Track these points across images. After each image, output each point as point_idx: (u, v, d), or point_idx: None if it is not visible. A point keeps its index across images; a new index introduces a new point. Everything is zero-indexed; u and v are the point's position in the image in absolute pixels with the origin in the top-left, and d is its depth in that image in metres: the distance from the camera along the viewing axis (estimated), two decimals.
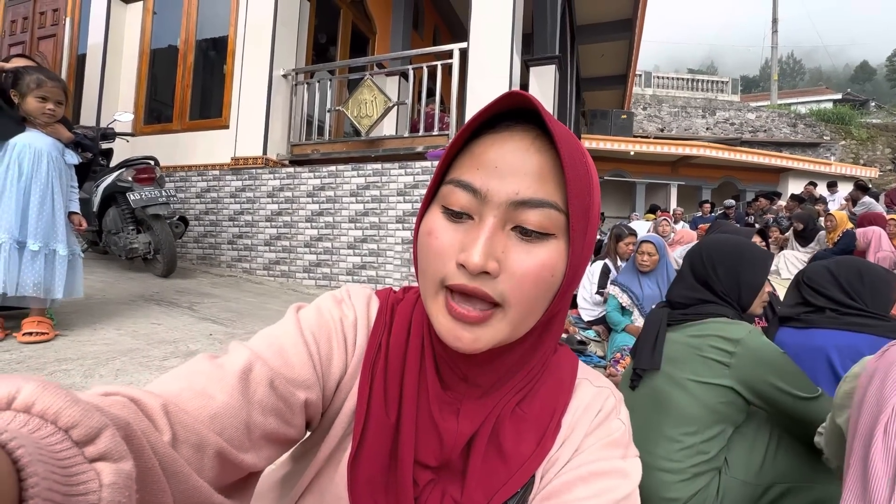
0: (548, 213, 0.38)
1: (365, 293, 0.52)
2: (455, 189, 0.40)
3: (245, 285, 3.76)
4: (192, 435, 0.33)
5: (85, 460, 0.23)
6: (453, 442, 0.44)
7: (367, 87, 4.06)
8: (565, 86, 7.31)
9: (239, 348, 0.42)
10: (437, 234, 0.40)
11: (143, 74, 5.15)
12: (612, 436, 0.45)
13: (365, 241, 3.81)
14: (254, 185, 4.26)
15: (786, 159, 12.38)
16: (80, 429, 0.23)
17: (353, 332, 0.48)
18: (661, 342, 1.27)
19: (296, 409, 0.42)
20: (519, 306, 0.39)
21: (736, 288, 1.25)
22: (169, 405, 0.33)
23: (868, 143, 15.03)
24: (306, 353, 0.44)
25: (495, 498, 0.43)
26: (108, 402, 0.29)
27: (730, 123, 15.76)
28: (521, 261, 0.38)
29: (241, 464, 0.36)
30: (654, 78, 17.73)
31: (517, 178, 0.38)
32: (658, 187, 13.28)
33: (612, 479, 0.42)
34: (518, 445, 0.44)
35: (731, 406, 1.16)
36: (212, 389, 0.36)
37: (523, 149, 0.39)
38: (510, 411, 0.45)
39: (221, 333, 2.26)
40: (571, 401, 0.47)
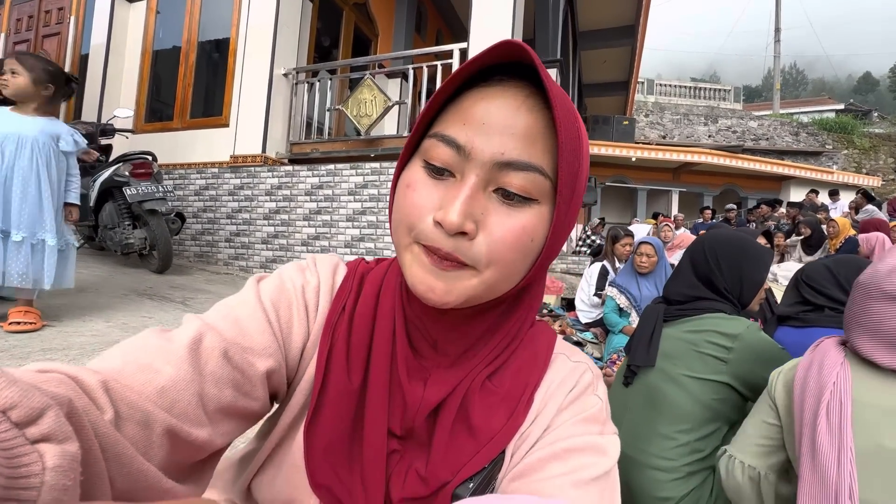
0: (533, 177, 0.36)
1: (332, 261, 0.50)
2: (438, 143, 0.37)
3: (240, 283, 3.73)
4: (136, 412, 0.31)
5: (26, 441, 0.22)
6: (416, 408, 0.41)
7: (368, 87, 4.06)
8: (567, 90, 7.32)
9: (191, 320, 0.40)
10: (416, 188, 0.38)
11: (146, 73, 5.17)
12: (588, 411, 0.42)
13: (362, 241, 3.79)
14: (252, 184, 4.25)
15: (788, 167, 12.35)
16: (19, 409, 0.22)
17: (316, 297, 0.46)
18: (656, 338, 1.24)
19: (255, 380, 0.39)
20: (494, 270, 0.37)
21: (738, 283, 1.22)
22: (110, 381, 0.31)
23: (871, 153, 15.00)
24: (264, 320, 0.42)
25: (460, 473, 0.40)
26: (45, 378, 0.27)
27: (732, 131, 15.76)
28: (501, 223, 0.36)
29: (195, 440, 0.34)
30: (656, 86, 17.79)
31: (504, 138, 0.36)
32: (660, 194, 13.26)
33: (588, 456, 0.39)
34: (487, 419, 0.41)
35: (726, 403, 1.12)
36: (158, 363, 0.34)
37: (514, 106, 0.37)
38: (480, 384, 0.43)
39: None
40: (546, 375, 0.45)
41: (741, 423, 1.17)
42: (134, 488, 0.29)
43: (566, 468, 0.38)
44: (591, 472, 0.38)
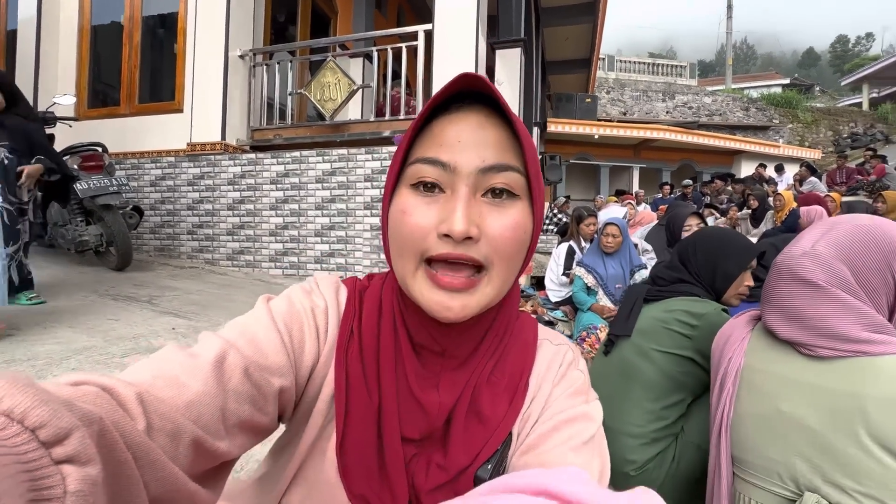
0: (513, 175, 0.42)
1: (333, 282, 0.53)
2: (423, 166, 0.42)
3: (208, 276, 3.63)
4: (167, 423, 0.33)
5: (51, 462, 0.22)
6: (437, 413, 0.46)
7: (330, 70, 3.94)
8: (531, 69, 7.33)
9: (211, 337, 0.42)
10: (412, 211, 0.42)
11: (85, 53, 4.78)
12: (574, 385, 0.49)
13: (332, 229, 3.75)
14: (213, 173, 4.08)
15: (739, 142, 12.96)
16: (48, 429, 0.22)
17: (325, 319, 0.49)
18: (636, 311, 1.34)
19: (269, 396, 0.42)
20: (501, 265, 0.42)
21: (711, 272, 1.32)
22: (143, 394, 0.33)
23: (812, 127, 15.94)
24: (279, 340, 0.44)
25: (478, 458, 0.45)
26: (80, 392, 0.28)
27: (688, 107, 16.30)
28: (498, 222, 0.41)
29: (216, 451, 0.36)
30: (616, 62, 18.05)
31: (480, 149, 0.41)
32: (622, 170, 13.65)
33: (579, 424, 0.46)
34: (494, 408, 0.47)
35: (689, 376, 1.23)
36: (185, 378, 0.36)
37: (479, 125, 0.42)
38: (486, 378, 0.48)
39: (185, 327, 2.19)
40: (536, 361, 0.51)
41: (704, 396, 1.30)
42: (165, 491, 0.30)
43: (563, 437, 0.45)
44: (583, 436, 0.45)
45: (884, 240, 0.78)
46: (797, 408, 0.80)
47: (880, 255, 0.77)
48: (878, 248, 0.78)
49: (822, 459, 0.77)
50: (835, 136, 15.46)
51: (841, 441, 0.75)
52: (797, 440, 0.80)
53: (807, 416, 0.79)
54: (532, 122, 7.93)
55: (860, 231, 0.80)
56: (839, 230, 0.82)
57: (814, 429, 0.78)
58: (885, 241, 0.77)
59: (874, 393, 0.73)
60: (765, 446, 0.85)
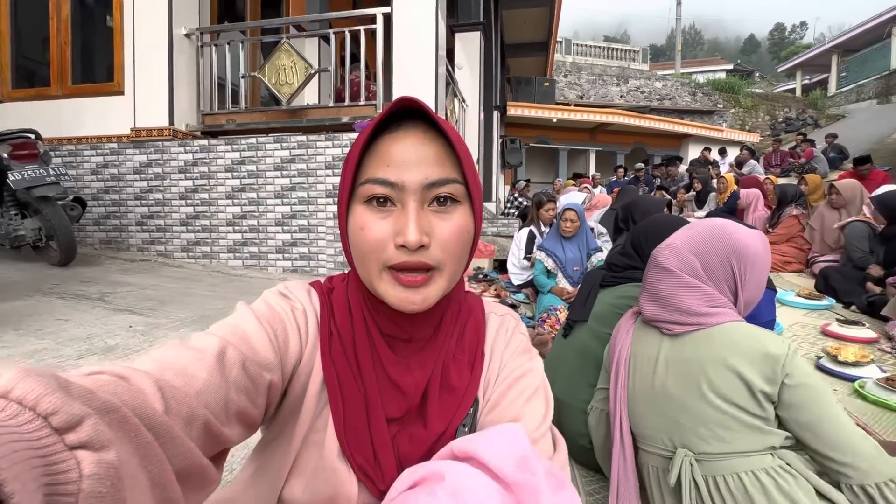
0: (453, 186, 0.49)
1: (303, 286, 0.58)
2: (374, 186, 0.48)
3: (162, 270, 3.48)
4: (183, 408, 0.35)
5: (65, 448, 0.23)
6: (413, 392, 0.53)
7: (285, 52, 3.79)
8: (490, 52, 7.34)
9: (207, 335, 0.45)
10: (369, 227, 0.48)
11: (5, 27, 4.34)
12: (520, 346, 0.59)
13: (294, 217, 3.68)
14: (161, 160, 3.87)
15: (687, 126, 13.62)
16: (60, 416, 0.23)
17: (304, 320, 0.53)
18: (592, 297, 1.44)
19: (261, 390, 0.46)
20: (451, 263, 0.49)
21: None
22: (159, 380, 0.35)
23: (752, 111, 16.95)
24: (266, 338, 0.48)
25: (452, 422, 0.53)
26: (100, 381, 0.30)
27: (640, 92, 16.87)
28: (444, 228, 0.48)
29: (222, 436, 0.40)
30: (573, 45, 18.31)
31: (423, 166, 0.47)
32: (579, 153, 14.03)
33: (529, 377, 0.56)
34: (461, 379, 0.55)
35: None
36: (193, 368, 0.39)
37: (419, 142, 0.48)
38: (452, 356, 0.55)
39: (143, 325, 2.12)
40: (486, 331, 0.59)
41: None
42: (185, 466, 0.33)
43: (517, 392, 0.55)
44: (532, 387, 0.55)
45: (727, 238, 0.98)
46: (664, 380, 0.99)
47: (723, 249, 0.97)
48: (721, 243, 0.98)
49: (684, 419, 0.95)
50: (771, 120, 16.53)
51: (694, 400, 0.93)
52: (667, 407, 0.98)
53: (669, 386, 0.98)
54: (492, 106, 7.98)
55: (710, 231, 1.00)
56: (695, 229, 1.03)
57: (675, 395, 0.96)
58: (728, 239, 0.98)
59: (709, 356, 0.92)
60: (650, 418, 1.03)
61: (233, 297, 2.82)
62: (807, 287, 3.31)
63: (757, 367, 0.87)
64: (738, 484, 0.88)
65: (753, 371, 0.87)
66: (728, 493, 0.88)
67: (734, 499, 0.88)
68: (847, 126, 12.63)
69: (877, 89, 15.93)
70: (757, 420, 0.88)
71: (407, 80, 3.57)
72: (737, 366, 0.89)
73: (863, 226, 3.35)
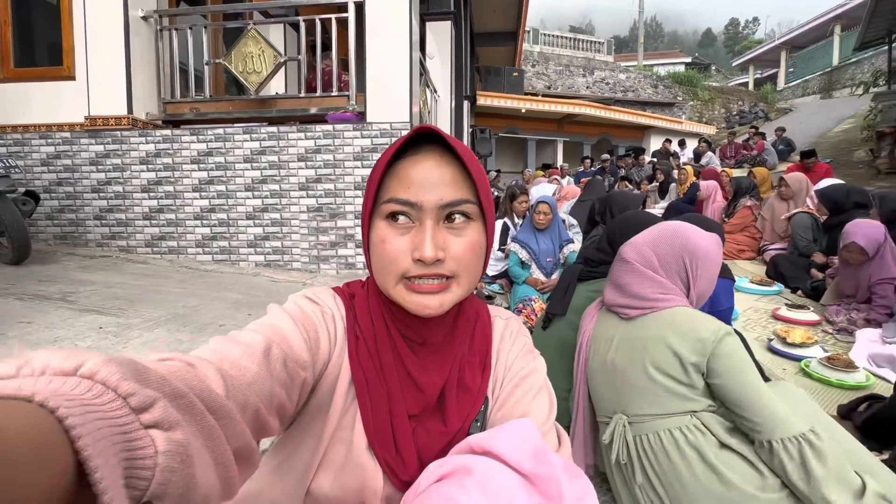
0: (467, 205, 0.53)
1: (328, 292, 0.62)
2: (395, 205, 0.52)
3: (126, 266, 3.34)
4: (239, 395, 0.39)
5: (141, 426, 0.25)
6: (431, 391, 0.57)
7: (253, 39, 3.66)
8: (460, 41, 7.31)
9: (251, 333, 0.48)
10: (390, 241, 0.52)
11: None
12: (524, 347, 0.65)
13: (266, 211, 3.60)
14: (121, 151, 3.68)
15: (649, 118, 14.08)
16: (137, 397, 0.25)
17: (333, 323, 0.58)
18: (570, 293, 1.51)
19: (296, 386, 0.49)
20: (465, 275, 0.54)
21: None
22: (220, 369, 0.39)
23: (709, 104, 17.69)
24: (302, 338, 0.52)
25: (467, 419, 0.58)
26: (171, 367, 0.33)
27: (605, 83, 17.25)
28: (458, 244, 0.52)
29: (267, 425, 0.43)
30: (541, 35, 18.45)
31: (439, 188, 0.52)
32: (547, 143, 14.25)
33: (533, 377, 0.62)
34: (474, 379, 0.60)
35: None
36: (245, 361, 0.43)
37: (436, 165, 0.52)
38: (466, 358, 0.61)
39: (113, 325, 2.05)
40: (493, 334, 0.65)
41: None
42: (240, 446, 0.35)
43: (524, 390, 0.60)
44: (537, 385, 0.61)
45: (681, 237, 1.12)
46: (615, 356, 1.14)
47: (677, 245, 1.12)
48: (676, 241, 1.13)
49: (625, 388, 1.10)
50: (726, 113, 17.33)
51: (636, 372, 1.08)
52: (614, 380, 1.13)
53: (618, 360, 1.12)
54: (463, 96, 7.98)
55: (666, 230, 1.16)
56: (654, 230, 1.19)
57: (621, 367, 1.11)
58: (682, 238, 1.12)
59: (653, 334, 1.06)
60: (603, 390, 1.18)
61: (205, 293, 2.75)
62: (759, 274, 3.56)
63: (690, 345, 1.01)
64: (657, 440, 1.03)
65: (686, 348, 1.01)
66: (650, 448, 1.04)
67: (654, 452, 1.03)
68: (794, 119, 13.42)
69: (820, 85, 16.98)
70: (684, 388, 1.03)
71: (380, 72, 3.53)
72: (673, 344, 1.03)
73: (807, 216, 3.62)
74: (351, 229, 3.55)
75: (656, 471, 1.03)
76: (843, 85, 15.48)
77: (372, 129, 3.49)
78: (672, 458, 1.00)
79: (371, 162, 3.50)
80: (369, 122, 3.52)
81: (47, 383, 0.23)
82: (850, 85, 13.40)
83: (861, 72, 14.16)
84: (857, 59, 14.76)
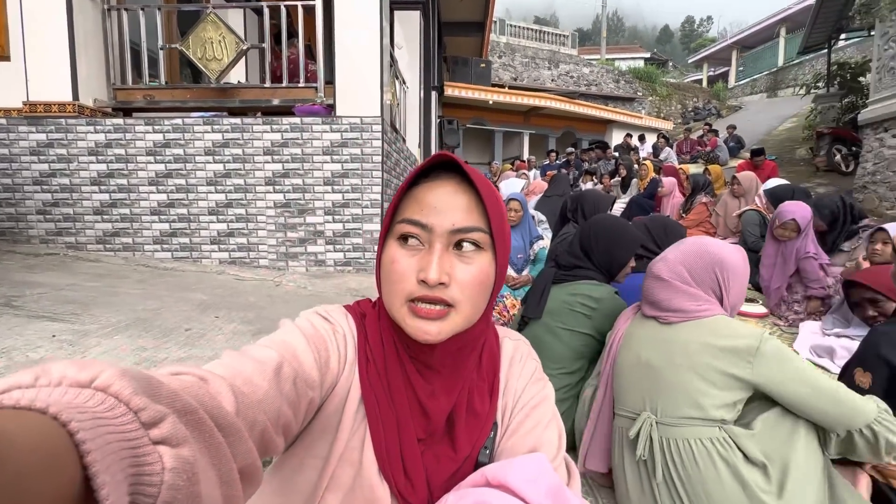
0: (478, 234, 0.53)
1: (340, 310, 0.61)
2: (408, 225, 0.53)
3: (76, 265, 3.13)
4: (249, 412, 0.38)
5: (150, 442, 0.25)
6: (437, 416, 0.57)
7: (212, 24, 3.47)
8: (429, 31, 7.22)
9: (264, 349, 0.48)
10: (399, 261, 0.53)
11: None
12: (534, 374, 0.65)
13: (230, 206, 3.45)
14: (66, 140, 3.42)
15: (611, 112, 14.47)
16: (147, 412, 0.25)
17: (344, 343, 0.57)
18: (545, 296, 1.55)
19: (303, 405, 0.49)
20: (467, 304, 0.53)
21: (608, 262, 1.58)
22: (233, 385, 0.38)
23: (667, 100, 18.38)
24: (313, 357, 0.52)
25: (476, 444, 0.59)
26: (184, 382, 0.33)
27: (570, 76, 17.55)
28: (465, 272, 0.53)
29: (273, 444, 0.42)
30: (507, 26, 18.48)
31: (452, 213, 0.53)
32: (513, 135, 14.39)
33: (543, 405, 0.63)
34: (483, 405, 0.61)
35: (588, 347, 1.51)
36: (257, 379, 0.42)
37: (452, 192, 0.54)
38: (475, 384, 0.61)
39: (68, 333, 1.92)
40: (501, 357, 0.65)
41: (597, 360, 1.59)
42: (246, 464, 0.35)
43: (535, 421, 0.61)
44: (548, 415, 0.62)
45: (709, 251, 1.18)
46: (651, 355, 1.18)
47: (707, 260, 1.17)
48: (705, 255, 1.17)
49: (659, 388, 1.15)
50: (682, 109, 18.07)
51: (674, 376, 1.13)
52: (647, 377, 1.18)
53: (654, 359, 1.17)
54: (431, 86, 7.91)
55: (694, 246, 1.21)
56: (683, 246, 1.23)
57: (658, 367, 1.16)
58: (710, 251, 1.17)
59: (694, 340, 1.11)
60: (631, 386, 1.23)
61: (166, 294, 2.63)
62: None
63: (731, 351, 1.06)
64: (686, 447, 1.08)
65: (728, 354, 1.06)
66: (676, 452, 1.09)
67: (681, 457, 1.08)
68: (744, 117, 14.19)
69: (767, 84, 18.00)
70: (721, 394, 1.07)
71: (350, 63, 3.45)
72: (715, 351, 1.07)
73: (755, 214, 3.87)
74: (320, 225, 3.47)
75: (681, 474, 1.08)
76: (787, 85, 16.49)
77: (342, 123, 3.40)
78: (701, 467, 1.05)
79: (342, 157, 3.42)
80: (339, 115, 3.43)
81: (62, 394, 0.24)
82: (793, 85, 14.27)
83: (803, 73, 15.13)
84: (800, 61, 15.74)
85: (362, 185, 3.43)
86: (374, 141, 3.41)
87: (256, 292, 2.86)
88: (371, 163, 3.42)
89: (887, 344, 1.18)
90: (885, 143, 5.45)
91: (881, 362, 1.17)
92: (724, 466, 1.03)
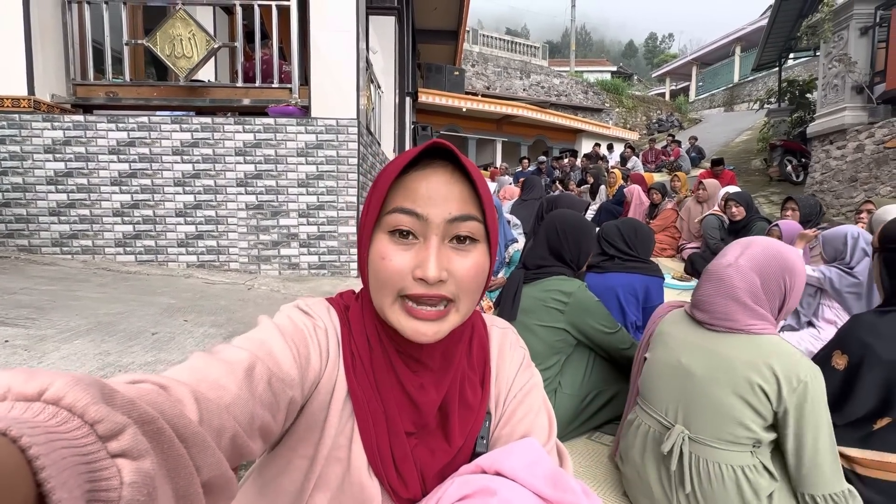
0: (473, 224, 0.51)
1: (322, 303, 0.59)
2: (400, 215, 0.50)
3: (30, 269, 2.95)
4: (215, 419, 0.36)
5: (108, 455, 0.24)
6: (428, 409, 0.56)
7: (182, 21, 3.37)
8: (403, 37, 7.26)
9: (235, 349, 0.45)
10: (390, 257, 0.50)
11: None
12: (522, 362, 0.65)
13: (199, 208, 3.34)
14: (19, 137, 3.23)
15: (580, 122, 14.92)
16: (105, 424, 0.24)
17: (325, 338, 0.55)
18: (518, 299, 1.58)
19: (282, 406, 0.46)
20: (466, 299, 0.52)
21: (578, 254, 1.62)
22: (195, 392, 0.36)
23: (633, 111, 19.10)
24: (291, 355, 0.49)
25: (470, 435, 0.59)
26: (141, 390, 0.31)
27: (541, 87, 17.97)
28: (462, 265, 0.51)
29: (246, 449, 0.40)
30: (480, 36, 18.78)
31: (448, 202, 0.50)
32: (487, 143, 14.59)
33: (534, 393, 0.63)
34: (475, 396, 0.60)
35: (563, 342, 1.54)
36: (224, 381, 0.40)
37: (446, 181, 0.51)
38: (466, 375, 0.60)
39: (22, 338, 1.81)
40: (491, 346, 0.65)
41: (573, 354, 1.62)
42: (213, 476, 0.33)
43: (527, 408, 0.61)
44: (538, 401, 0.62)
45: (781, 257, 1.08)
46: (691, 361, 1.13)
47: (779, 267, 1.07)
48: (777, 263, 1.08)
49: (697, 399, 1.10)
50: (647, 120, 18.81)
51: (715, 388, 1.07)
52: (685, 384, 1.13)
53: (695, 367, 1.12)
54: (405, 92, 7.93)
55: (767, 250, 1.09)
56: (754, 248, 1.11)
57: (699, 376, 1.10)
58: (782, 258, 1.08)
59: (743, 357, 1.04)
60: (662, 386, 1.19)
61: (131, 297, 2.51)
62: (678, 270, 3.94)
63: (778, 379, 0.99)
64: (717, 469, 1.06)
65: (775, 381, 0.99)
66: (705, 472, 1.07)
67: (710, 478, 1.06)
68: (704, 129, 14.91)
69: (724, 99, 19.02)
70: (758, 420, 1.03)
71: (325, 65, 3.42)
72: (766, 375, 1.00)
73: (715, 218, 4.07)
74: (294, 228, 3.41)
75: (706, 494, 1.06)
76: (742, 100, 17.47)
77: (317, 125, 3.37)
78: (729, 491, 1.04)
79: (317, 159, 3.38)
80: (314, 116, 3.40)
81: (8, 409, 0.22)
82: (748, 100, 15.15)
83: (757, 89, 16.07)
84: (753, 78, 16.71)
85: (338, 187, 3.40)
86: (350, 143, 3.39)
87: (228, 296, 2.77)
88: (347, 165, 3.40)
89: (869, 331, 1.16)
90: (831, 155, 5.85)
91: (859, 346, 1.16)
92: (752, 495, 1.03)
